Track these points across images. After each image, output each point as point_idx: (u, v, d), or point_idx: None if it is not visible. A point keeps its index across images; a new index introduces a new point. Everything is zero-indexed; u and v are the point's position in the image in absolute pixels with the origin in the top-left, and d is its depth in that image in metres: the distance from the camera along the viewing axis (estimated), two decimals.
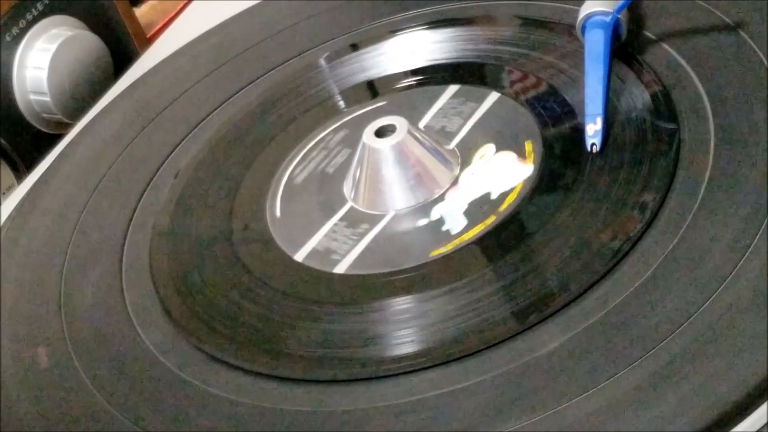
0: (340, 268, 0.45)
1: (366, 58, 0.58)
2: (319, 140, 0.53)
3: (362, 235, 0.46)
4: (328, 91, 0.57)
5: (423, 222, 0.46)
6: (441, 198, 0.47)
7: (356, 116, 0.54)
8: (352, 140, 0.52)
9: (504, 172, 0.47)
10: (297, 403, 0.40)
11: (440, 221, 0.46)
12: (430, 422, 0.37)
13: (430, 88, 0.54)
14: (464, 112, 0.51)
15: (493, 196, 0.46)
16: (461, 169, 0.48)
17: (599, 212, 0.42)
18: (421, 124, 0.51)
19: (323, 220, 0.48)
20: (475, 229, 0.44)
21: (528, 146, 0.48)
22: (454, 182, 0.48)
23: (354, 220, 0.47)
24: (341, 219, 0.48)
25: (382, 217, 0.47)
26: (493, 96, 0.52)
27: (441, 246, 0.44)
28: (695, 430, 0.32)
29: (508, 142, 0.48)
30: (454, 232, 0.45)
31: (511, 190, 0.46)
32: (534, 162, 0.47)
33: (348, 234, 0.47)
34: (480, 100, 0.52)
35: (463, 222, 0.45)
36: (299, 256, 0.47)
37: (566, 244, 0.41)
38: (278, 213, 0.49)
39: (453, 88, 0.53)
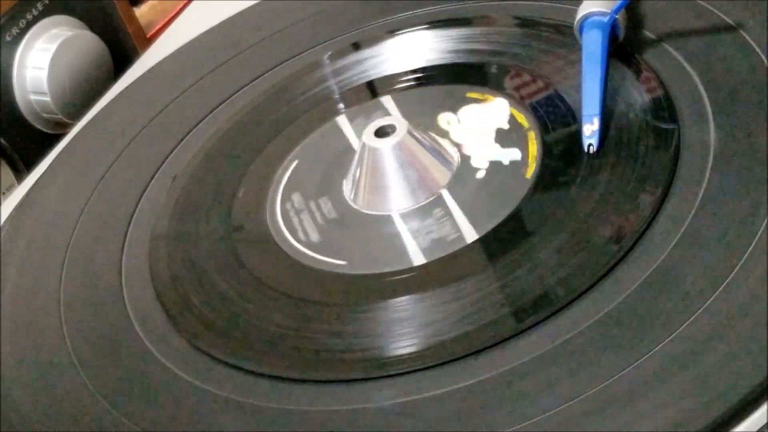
0: (470, 238, 0.44)
1: (366, 58, 0.58)
2: (283, 214, 0.50)
3: (448, 213, 0.46)
4: (328, 91, 0.57)
5: (481, 174, 0.46)
6: (466, 158, 0.48)
7: (289, 176, 0.52)
8: (313, 193, 0.50)
9: (486, 115, 0.48)
10: (296, 402, 0.40)
11: (497, 163, 0.46)
12: (430, 422, 0.37)
13: (323, 125, 0.54)
14: (383, 117, 0.51)
15: (506, 127, 0.47)
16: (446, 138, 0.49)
17: (598, 212, 0.42)
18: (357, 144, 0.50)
19: (397, 234, 0.46)
20: (531, 148, 0.46)
21: (475, 94, 0.49)
22: (456, 145, 0.49)
23: (421, 215, 0.46)
24: (407, 223, 0.46)
25: (438, 196, 0.47)
26: (387, 98, 0.53)
27: (525, 168, 0.45)
28: (695, 430, 0.32)
29: (454, 103, 0.50)
30: (520, 158, 0.46)
31: (512, 115, 0.47)
32: (497, 96, 0.48)
33: (433, 223, 0.45)
34: (379, 108, 0.53)
35: (516, 150, 0.46)
36: (419, 260, 0.44)
37: (565, 243, 0.41)
38: (343, 262, 0.46)
39: (342, 118, 0.54)
